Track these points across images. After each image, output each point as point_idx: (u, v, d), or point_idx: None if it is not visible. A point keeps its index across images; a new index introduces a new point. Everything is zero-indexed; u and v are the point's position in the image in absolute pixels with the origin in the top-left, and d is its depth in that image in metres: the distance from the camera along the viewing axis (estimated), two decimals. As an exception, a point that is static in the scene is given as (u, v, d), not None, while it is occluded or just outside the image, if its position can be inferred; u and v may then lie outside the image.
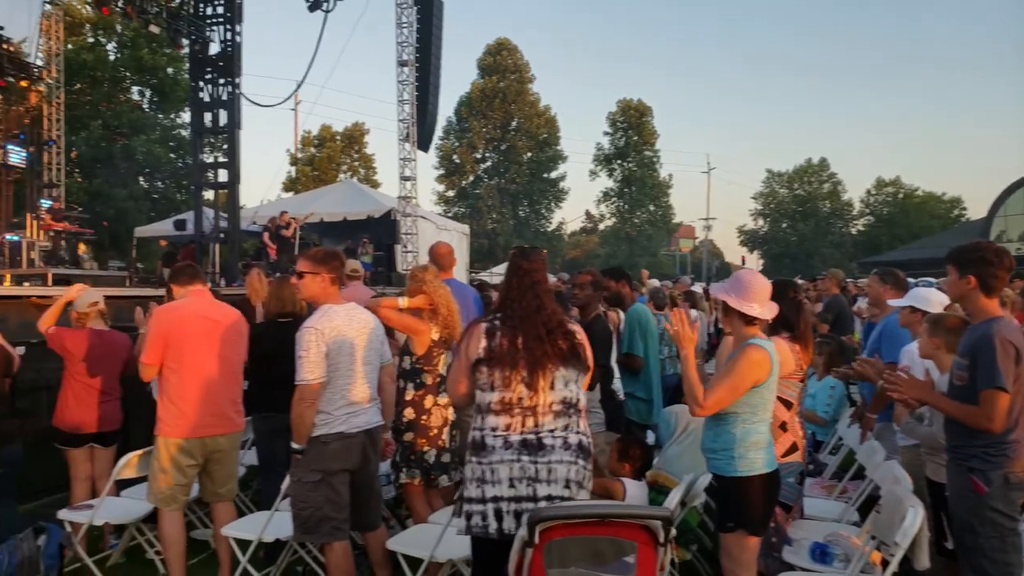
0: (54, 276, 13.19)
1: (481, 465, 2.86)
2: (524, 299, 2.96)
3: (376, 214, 19.90)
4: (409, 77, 18.71)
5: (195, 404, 4.02)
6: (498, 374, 2.86)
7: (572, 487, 2.86)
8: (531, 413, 2.85)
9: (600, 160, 48.22)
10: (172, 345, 3.99)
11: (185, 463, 4.04)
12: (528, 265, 3.01)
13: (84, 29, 27.46)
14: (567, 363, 2.93)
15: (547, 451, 2.85)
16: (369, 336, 3.74)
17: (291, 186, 38.82)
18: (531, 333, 2.90)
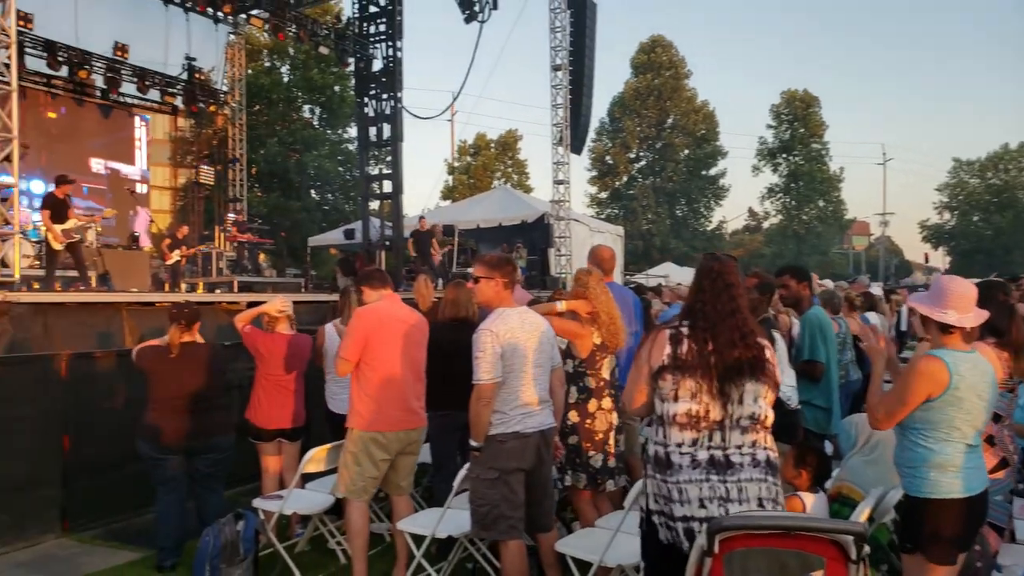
0: (239, 283, 14.29)
1: (667, 484, 2.72)
2: (717, 302, 2.79)
3: (530, 219, 20.09)
4: (562, 81, 18.74)
5: (390, 400, 4.25)
6: (684, 383, 2.72)
7: (766, 504, 2.71)
8: (718, 428, 2.71)
9: (763, 155, 46.02)
10: (371, 344, 4.22)
11: (379, 456, 4.25)
12: (719, 267, 2.85)
13: (262, 55, 29.66)
14: (757, 377, 2.76)
15: (735, 469, 2.71)
16: (540, 339, 3.80)
17: (448, 194, 40.09)
18: (725, 338, 2.74)
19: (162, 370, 4.78)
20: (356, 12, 18.65)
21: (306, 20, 18.30)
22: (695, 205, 45.07)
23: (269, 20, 17.79)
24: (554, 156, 19.17)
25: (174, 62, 18.92)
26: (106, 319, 7.87)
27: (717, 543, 2.42)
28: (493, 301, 3.80)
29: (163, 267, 14.70)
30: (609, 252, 5.45)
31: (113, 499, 5.71)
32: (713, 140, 44.48)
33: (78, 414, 5.59)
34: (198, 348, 4.94)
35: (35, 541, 5.23)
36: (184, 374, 4.79)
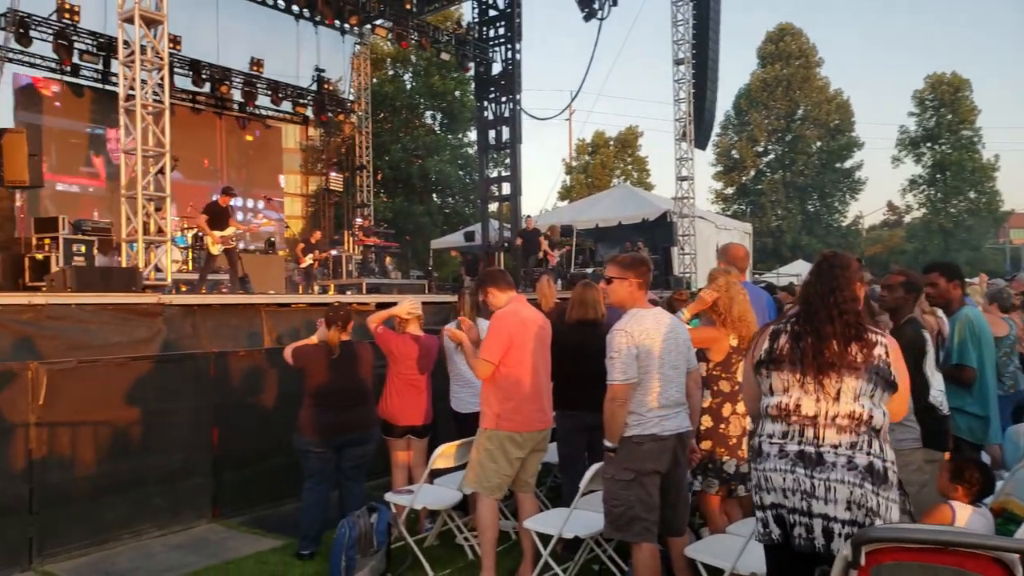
0: (367, 285, 14.82)
1: (757, 472, 2.77)
2: (823, 297, 2.75)
3: (651, 217, 19.77)
4: (685, 75, 18.34)
5: (527, 400, 4.30)
6: (776, 377, 2.76)
7: (855, 510, 2.59)
8: (811, 424, 2.68)
9: (905, 144, 43.09)
10: (513, 346, 4.28)
11: (514, 455, 4.31)
12: (833, 260, 2.81)
13: (386, 64, 30.67)
14: (859, 375, 2.66)
15: (826, 467, 2.62)
16: (676, 340, 3.74)
17: (566, 194, 40.07)
18: (823, 333, 2.69)
19: (322, 368, 5.00)
20: (476, 16, 18.97)
21: (428, 27, 18.79)
22: (828, 200, 42.86)
23: (392, 29, 18.37)
24: (677, 152, 18.78)
25: (304, 74, 19.92)
26: (247, 320, 8.31)
27: (863, 555, 2.28)
28: (627, 302, 3.77)
29: (297, 270, 15.46)
30: (743, 251, 5.27)
31: (257, 489, 6.04)
32: (848, 131, 42.17)
33: (225, 409, 5.94)
34: (354, 347, 5.17)
35: (189, 525, 5.60)
36: (342, 372, 5.02)
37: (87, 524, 5.08)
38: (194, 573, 4.74)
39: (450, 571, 4.72)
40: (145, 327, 7.23)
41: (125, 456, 5.33)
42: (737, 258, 5.15)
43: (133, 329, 7.11)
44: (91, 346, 6.57)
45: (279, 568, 4.81)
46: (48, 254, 8.42)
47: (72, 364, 5.18)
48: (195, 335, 7.71)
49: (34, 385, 4.86)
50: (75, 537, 5.01)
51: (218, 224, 10.75)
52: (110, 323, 6.95)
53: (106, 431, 5.25)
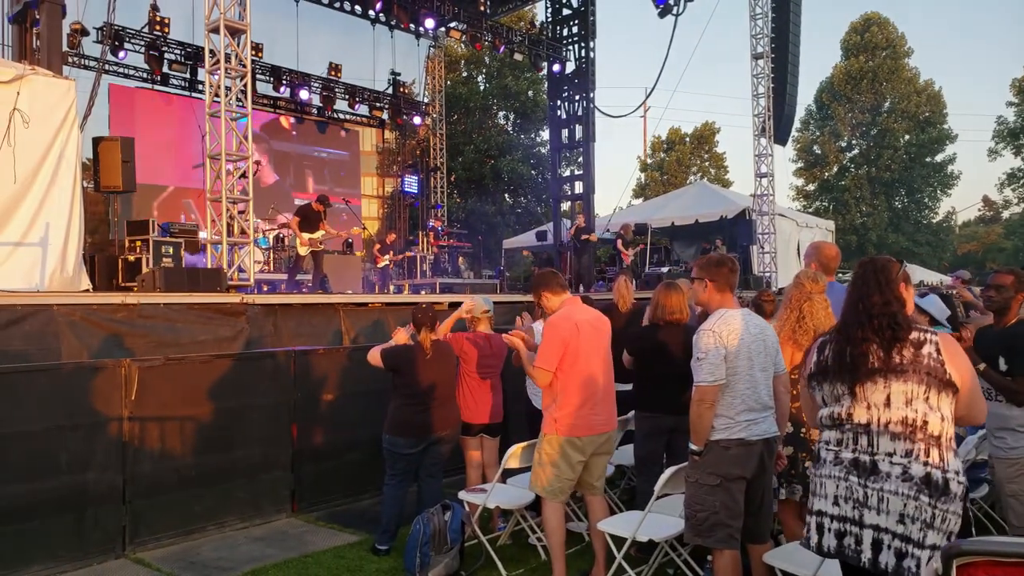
0: (440, 285, 15.00)
1: (814, 478, 2.77)
2: (860, 303, 2.74)
3: (729, 214, 19.37)
4: (764, 70, 17.87)
5: (586, 405, 4.25)
6: (827, 388, 2.76)
7: (909, 524, 2.49)
8: (864, 432, 2.64)
9: (1002, 136, 40.71)
10: (568, 351, 4.23)
11: (576, 459, 4.27)
12: (870, 265, 2.81)
13: (459, 65, 30.98)
14: (908, 377, 2.57)
15: (880, 477, 2.55)
16: (765, 343, 3.65)
17: (641, 192, 39.62)
18: (859, 346, 2.66)
19: (414, 368, 5.08)
20: (549, 16, 18.95)
21: (501, 28, 18.88)
22: (917, 195, 41.00)
23: (466, 31, 18.53)
24: (756, 148, 18.31)
25: (380, 78, 20.31)
26: (326, 319, 8.53)
27: (954, 569, 2.16)
28: (712, 303, 3.71)
29: (373, 270, 15.76)
30: (834, 251, 5.04)
31: (335, 484, 6.19)
32: (939, 123, 40.23)
33: (304, 405, 6.10)
34: (442, 346, 5.25)
35: (269, 519, 5.77)
36: (433, 371, 5.10)
37: (175, 514, 5.30)
38: (274, 565, 4.87)
39: (523, 571, 4.73)
40: (229, 326, 7.51)
41: (210, 450, 5.53)
42: (828, 259, 4.94)
43: (218, 327, 7.39)
44: (179, 344, 6.87)
45: (356, 563, 4.90)
46: (139, 256, 8.81)
47: (160, 361, 5.41)
48: (276, 333, 7.96)
49: (126, 381, 5.09)
50: (164, 527, 5.23)
51: (309, 227, 11.20)
52: (196, 322, 7.24)
53: (192, 425, 5.46)
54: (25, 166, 7.32)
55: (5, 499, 4.55)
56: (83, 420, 4.91)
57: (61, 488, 4.78)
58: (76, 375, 4.99)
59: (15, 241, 7.28)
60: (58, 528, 4.75)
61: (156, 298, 7.20)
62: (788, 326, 4.16)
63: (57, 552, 4.73)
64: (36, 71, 7.68)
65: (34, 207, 7.41)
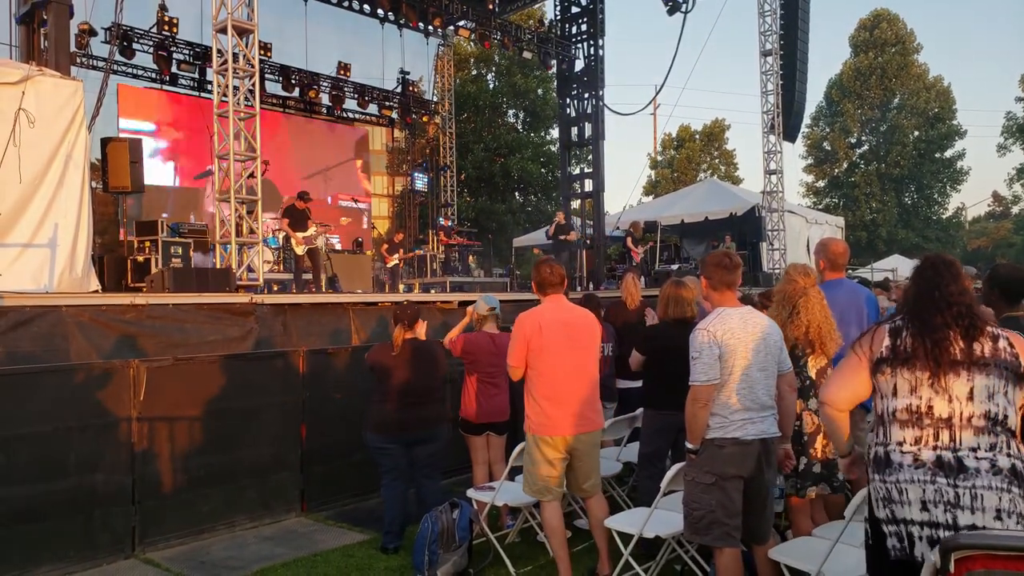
0: (451, 283, 14.99)
1: (887, 484, 2.55)
2: (937, 292, 2.60)
3: (739, 211, 19.26)
4: (773, 66, 17.77)
5: (552, 403, 4.20)
6: (903, 376, 2.57)
7: (1006, 518, 2.39)
8: (946, 426, 2.50)
9: (1011, 132, 40.50)
10: (532, 348, 4.21)
11: (552, 456, 4.23)
12: (943, 259, 2.70)
13: (469, 64, 30.95)
14: (989, 371, 2.48)
15: (969, 474, 2.43)
16: (766, 341, 3.59)
17: (651, 189, 39.49)
18: (939, 332, 2.53)
19: (386, 365, 5.10)
20: (558, 14, 18.90)
21: (510, 27, 18.85)
22: (927, 191, 40.75)
23: (475, 30, 18.50)
24: (765, 145, 18.22)
25: (390, 76, 20.30)
26: (335, 318, 8.52)
27: (952, 562, 2.15)
28: (713, 300, 3.71)
29: (383, 269, 15.77)
30: (842, 247, 5.01)
31: (344, 484, 6.18)
32: (948, 119, 39.98)
33: (314, 405, 6.10)
34: (419, 345, 5.22)
35: (279, 518, 5.77)
36: (406, 369, 5.09)
37: (184, 514, 5.31)
38: (283, 564, 4.87)
39: (531, 568, 4.71)
40: (238, 326, 7.50)
41: (219, 450, 5.54)
42: (836, 255, 4.93)
43: (227, 328, 7.38)
44: (188, 344, 6.86)
45: (365, 561, 4.89)
46: (148, 256, 8.84)
47: (169, 362, 5.42)
48: (286, 333, 7.94)
49: (135, 381, 5.10)
50: (173, 527, 5.24)
51: (298, 225, 11.19)
52: (205, 322, 7.23)
53: (201, 426, 5.47)
54: (33, 167, 7.35)
55: (15, 500, 4.57)
56: (92, 421, 4.92)
57: (70, 489, 4.79)
58: (85, 376, 5.00)
59: (24, 242, 7.30)
60: (67, 528, 4.76)
61: (165, 299, 7.21)
62: (779, 322, 4.12)
63: (67, 552, 4.74)
64: (44, 72, 7.70)
65: (42, 208, 7.43)
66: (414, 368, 5.11)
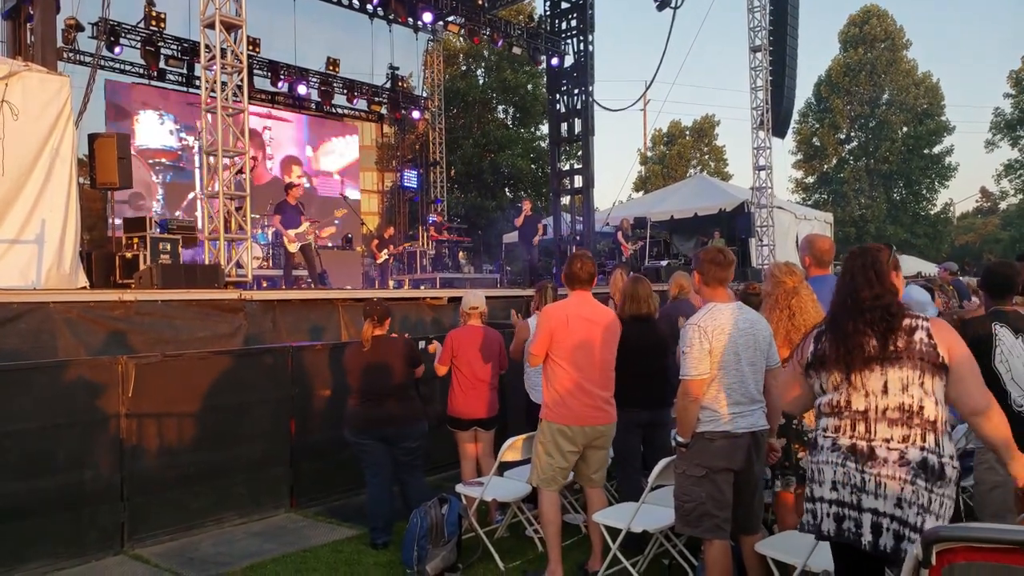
0: (441, 280, 14.98)
1: (812, 464, 2.79)
2: (846, 304, 2.76)
3: (728, 207, 19.35)
4: (762, 63, 17.85)
5: (574, 395, 4.29)
6: (824, 377, 2.77)
7: (906, 508, 2.52)
8: (861, 418, 2.66)
9: (999, 128, 40.66)
10: (556, 340, 4.31)
11: (566, 448, 4.32)
12: (851, 262, 2.79)
13: (458, 59, 30.89)
14: (903, 364, 2.60)
15: (877, 462, 2.58)
16: (755, 337, 3.65)
17: (641, 185, 39.57)
18: (851, 339, 2.68)
19: (357, 363, 5.13)
20: (547, 9, 18.90)
21: (499, 22, 18.81)
22: (915, 187, 40.94)
23: (464, 25, 18.48)
24: (755, 141, 18.31)
25: (379, 72, 20.26)
26: (325, 314, 8.53)
27: (934, 554, 2.17)
28: (703, 295, 3.78)
29: (373, 265, 15.75)
30: (828, 243, 5.02)
31: (333, 480, 6.19)
32: (937, 115, 40.17)
33: (303, 401, 6.10)
34: (389, 342, 5.23)
35: (268, 514, 5.78)
36: (374, 366, 5.09)
37: (173, 511, 5.30)
38: (272, 560, 4.88)
39: (520, 563, 4.73)
40: (227, 322, 7.50)
41: (208, 446, 5.53)
42: (822, 251, 4.93)
43: (216, 324, 7.38)
44: (177, 340, 6.86)
45: (354, 557, 4.91)
46: (136, 252, 8.79)
47: (158, 358, 5.41)
48: (275, 329, 7.96)
49: (123, 378, 5.09)
50: (162, 523, 5.23)
51: (291, 222, 10.99)
52: (194, 319, 7.24)
53: (190, 422, 5.46)
54: (19, 163, 7.31)
55: (3, 497, 4.55)
56: (80, 418, 4.91)
57: (59, 486, 4.77)
58: (73, 373, 4.98)
59: (10, 238, 7.27)
60: (56, 526, 4.75)
61: (153, 295, 7.20)
62: (782, 327, 4.14)
63: (55, 549, 4.73)
64: (30, 67, 7.66)
65: (29, 204, 7.39)
66: (384, 365, 5.10)
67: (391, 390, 5.11)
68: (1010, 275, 4.13)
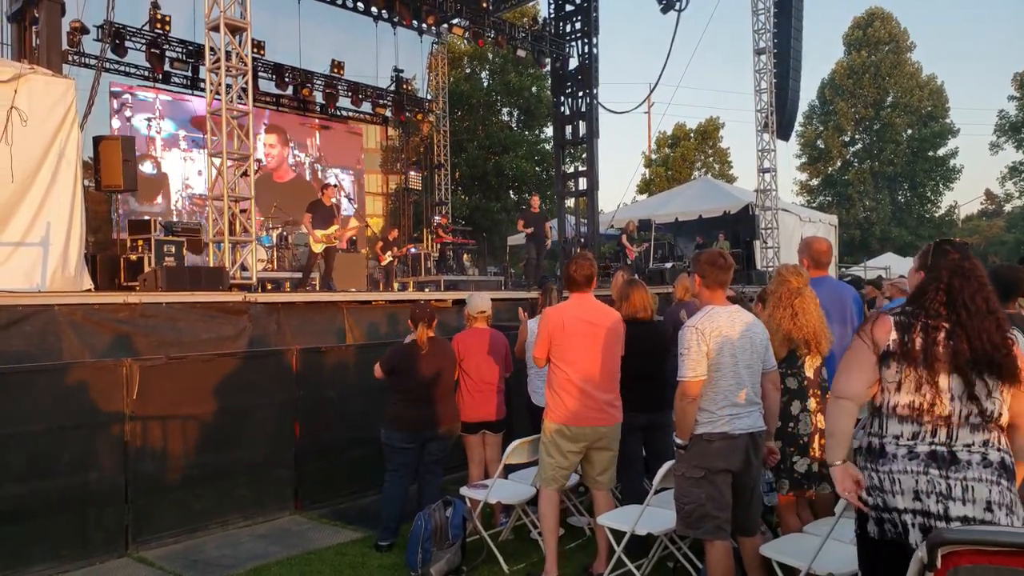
0: (445, 282, 14.97)
1: (879, 473, 2.60)
2: (974, 300, 2.59)
3: (732, 210, 19.31)
4: (767, 65, 17.82)
5: (575, 396, 4.31)
6: (910, 373, 2.57)
7: (996, 510, 2.45)
8: (943, 423, 2.54)
9: (1004, 130, 40.62)
10: (555, 343, 4.34)
11: (567, 448, 4.34)
12: (971, 265, 2.64)
13: (463, 62, 30.90)
14: (995, 371, 2.53)
15: (961, 466, 2.49)
16: (752, 339, 3.67)
17: (645, 188, 39.53)
18: (974, 335, 2.54)
19: (411, 364, 5.10)
20: (552, 12, 18.90)
21: (504, 25, 18.81)
22: (920, 189, 40.90)
23: (469, 28, 18.47)
24: (759, 143, 18.27)
25: (383, 74, 20.27)
26: (329, 317, 8.53)
27: (939, 557, 2.16)
28: (702, 298, 3.78)
29: (378, 268, 15.74)
30: (825, 245, 5.05)
31: (337, 482, 6.19)
32: (941, 117, 40.12)
33: (307, 403, 6.10)
34: (440, 343, 5.26)
35: (272, 517, 5.77)
36: (430, 367, 5.11)
37: (178, 513, 5.30)
38: (277, 563, 4.88)
39: (524, 565, 4.72)
40: (231, 324, 7.50)
41: (212, 448, 5.53)
42: (819, 253, 4.96)
43: (220, 326, 7.39)
44: (181, 343, 6.86)
45: (358, 559, 4.90)
46: (141, 255, 8.81)
47: (162, 360, 5.41)
48: (279, 332, 7.95)
49: (128, 380, 5.09)
50: (166, 525, 5.23)
51: (321, 223, 10.77)
52: (199, 321, 7.24)
53: (194, 424, 5.46)
54: (24, 165, 7.32)
55: (7, 499, 4.56)
56: (85, 420, 4.91)
57: (63, 488, 4.78)
58: (78, 375, 4.99)
59: (16, 241, 7.28)
60: (60, 528, 4.76)
61: (158, 297, 7.20)
62: (784, 325, 4.15)
63: (60, 551, 4.73)
64: (35, 70, 7.68)
65: (34, 207, 7.40)
66: (437, 366, 5.14)
67: (446, 392, 5.17)
68: (1016, 278, 4.11)
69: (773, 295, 4.31)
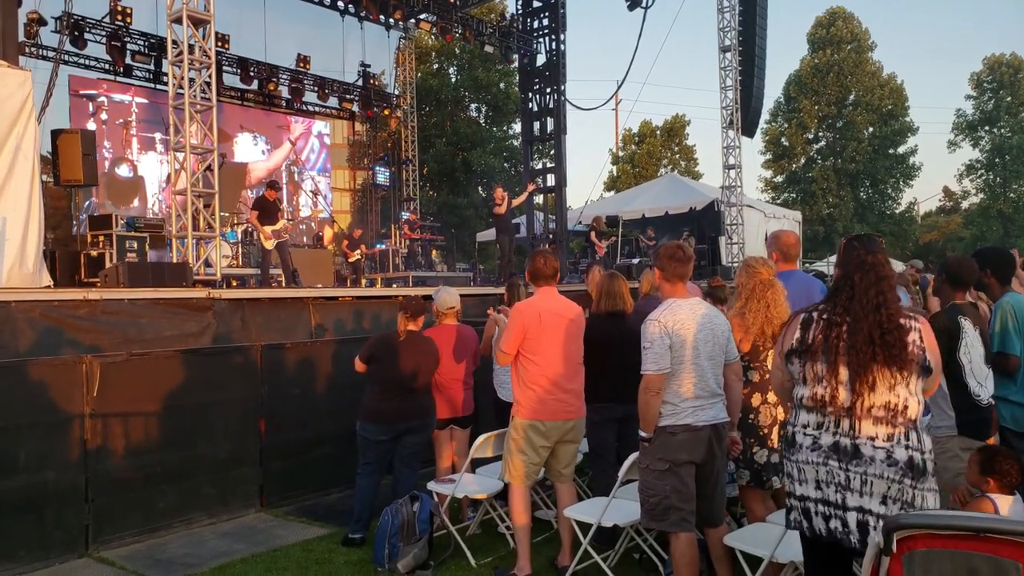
0: (414, 278, 14.95)
1: (790, 462, 2.76)
2: (866, 296, 2.67)
3: (698, 206, 19.51)
4: (732, 63, 18.01)
5: (548, 391, 4.33)
6: (811, 367, 2.71)
7: (891, 504, 2.55)
8: (845, 415, 2.64)
9: (961, 128, 41.57)
10: (529, 337, 4.34)
11: (539, 443, 4.36)
12: (873, 259, 2.71)
13: (430, 58, 30.77)
14: (895, 364, 2.60)
15: (864, 461, 2.58)
16: (714, 331, 3.70)
17: (612, 184, 39.73)
18: (862, 333, 2.62)
19: (388, 355, 5.08)
20: (519, 8, 18.91)
21: (471, 20, 18.79)
22: (881, 186, 41.60)
23: (436, 23, 18.41)
24: (724, 140, 18.47)
25: (350, 69, 20.12)
26: (295, 313, 8.45)
27: (895, 542, 2.24)
28: (664, 292, 3.81)
29: (345, 264, 15.65)
30: (793, 238, 5.11)
31: (304, 479, 6.15)
32: (901, 116, 40.85)
33: (272, 400, 6.04)
34: (420, 337, 5.23)
35: (238, 514, 5.72)
36: (409, 359, 5.08)
37: (140, 512, 5.23)
38: (242, 560, 4.83)
39: (491, 559, 4.74)
40: (195, 321, 7.40)
41: (176, 446, 5.46)
42: (787, 246, 5.02)
43: (184, 323, 7.28)
44: (143, 340, 6.75)
45: (325, 555, 4.88)
46: (102, 251, 8.65)
47: (123, 357, 5.33)
48: (244, 328, 7.86)
49: (88, 378, 5.00)
50: (128, 524, 5.16)
51: (268, 219, 11.01)
52: (162, 317, 7.13)
53: (157, 422, 5.39)
54: (-22, 159, 7.14)
55: (-37, 499, 4.45)
56: (43, 418, 4.82)
57: (21, 487, 4.68)
58: (36, 372, 4.89)
59: (-29, 236, 7.10)
60: (18, 528, 4.66)
61: (120, 294, 7.08)
62: (759, 318, 4.16)
63: (16, 552, 4.64)
64: (-9, 61, 7.49)
65: (-9, 201, 7.23)
66: (414, 358, 5.11)
67: (421, 384, 5.14)
68: (968, 269, 4.23)
69: (744, 287, 4.30)
